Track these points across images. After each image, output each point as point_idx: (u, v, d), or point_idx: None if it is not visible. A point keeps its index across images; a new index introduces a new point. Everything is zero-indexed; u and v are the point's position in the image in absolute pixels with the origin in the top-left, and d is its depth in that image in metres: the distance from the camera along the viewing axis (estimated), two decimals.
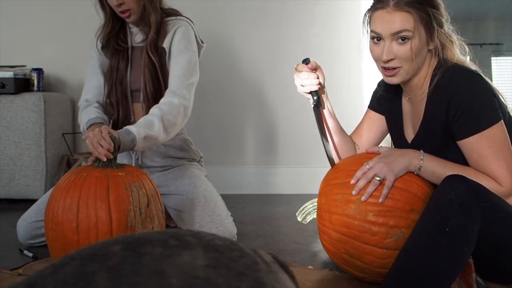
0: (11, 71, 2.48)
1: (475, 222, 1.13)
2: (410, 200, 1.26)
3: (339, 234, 1.30)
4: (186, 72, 1.72)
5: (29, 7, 2.81)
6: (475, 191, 1.17)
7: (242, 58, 2.76)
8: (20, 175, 2.45)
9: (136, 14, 1.74)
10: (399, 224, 1.24)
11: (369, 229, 1.25)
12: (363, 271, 1.31)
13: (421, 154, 1.31)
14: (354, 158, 1.43)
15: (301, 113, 2.74)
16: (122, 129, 1.51)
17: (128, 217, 1.32)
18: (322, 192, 1.40)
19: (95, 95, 1.82)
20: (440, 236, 1.11)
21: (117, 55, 1.81)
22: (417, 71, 1.37)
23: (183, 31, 1.77)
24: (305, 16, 2.71)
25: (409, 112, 1.47)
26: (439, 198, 1.17)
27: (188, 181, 1.77)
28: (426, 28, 1.30)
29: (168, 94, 1.67)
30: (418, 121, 1.42)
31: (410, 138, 1.46)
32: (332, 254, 1.37)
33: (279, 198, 2.64)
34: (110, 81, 1.81)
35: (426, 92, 1.37)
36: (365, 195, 1.27)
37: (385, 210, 1.25)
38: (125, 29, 1.84)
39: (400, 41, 1.31)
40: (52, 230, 1.35)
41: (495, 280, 1.32)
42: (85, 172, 1.38)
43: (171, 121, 1.60)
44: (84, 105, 1.81)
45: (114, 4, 1.70)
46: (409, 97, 1.45)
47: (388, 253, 1.25)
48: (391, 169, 1.28)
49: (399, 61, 1.33)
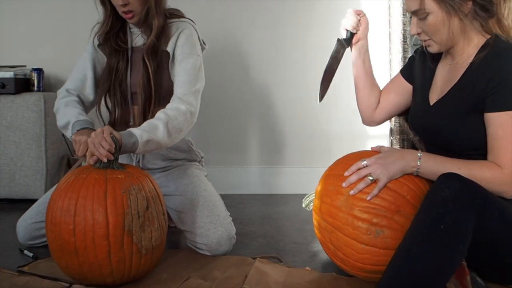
0: (11, 71, 2.48)
1: (470, 219, 1.14)
2: (397, 201, 1.28)
3: (326, 223, 1.36)
4: (192, 78, 1.71)
5: (29, 7, 2.81)
6: (469, 188, 1.18)
7: (242, 58, 2.76)
8: (20, 175, 2.45)
9: (139, 15, 1.72)
10: (381, 222, 1.27)
11: (352, 222, 1.29)
12: (344, 262, 1.36)
13: (418, 155, 1.32)
14: (356, 154, 1.45)
15: (302, 113, 2.75)
16: (125, 130, 1.50)
17: (125, 221, 1.32)
18: (321, 181, 1.46)
19: (77, 87, 1.79)
20: (435, 234, 1.12)
21: (117, 56, 1.79)
22: (454, 40, 1.36)
23: (187, 34, 1.76)
24: (306, 16, 2.71)
25: (442, 78, 1.46)
26: (434, 196, 1.18)
27: (188, 181, 1.77)
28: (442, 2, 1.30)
29: (175, 100, 1.65)
30: (448, 86, 1.41)
31: (433, 100, 1.45)
32: (321, 241, 1.44)
33: (279, 198, 2.64)
34: (109, 82, 1.78)
35: (471, 60, 1.35)
36: (354, 190, 1.31)
37: (371, 207, 1.28)
38: (125, 29, 1.82)
39: (420, 18, 1.35)
40: (50, 231, 1.36)
41: (494, 279, 1.32)
42: (85, 174, 1.38)
43: (177, 127, 1.59)
44: (63, 95, 1.77)
45: (118, 4, 1.68)
46: (449, 64, 1.44)
47: (365, 249, 1.28)
48: (386, 171, 1.30)
49: (426, 35, 1.38)
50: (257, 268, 1.48)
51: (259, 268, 1.49)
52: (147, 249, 1.36)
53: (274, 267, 1.52)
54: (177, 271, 1.50)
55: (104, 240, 1.30)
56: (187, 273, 1.48)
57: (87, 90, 1.81)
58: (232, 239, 1.68)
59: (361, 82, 1.64)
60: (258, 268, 1.49)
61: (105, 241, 1.30)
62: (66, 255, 1.33)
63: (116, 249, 1.31)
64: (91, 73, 1.81)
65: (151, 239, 1.37)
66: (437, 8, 1.31)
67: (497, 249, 1.22)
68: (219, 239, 1.63)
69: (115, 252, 1.31)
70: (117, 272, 1.34)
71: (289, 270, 1.50)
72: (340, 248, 1.33)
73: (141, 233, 1.35)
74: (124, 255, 1.32)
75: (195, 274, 1.47)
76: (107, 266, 1.32)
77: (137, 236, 1.34)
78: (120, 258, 1.32)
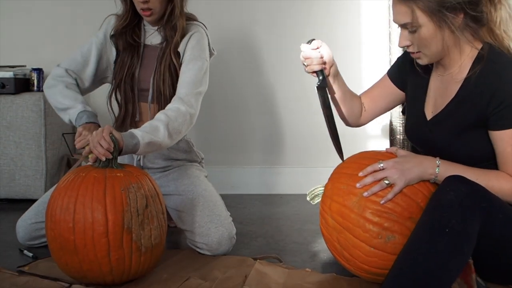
0: (11, 71, 2.48)
1: (475, 222, 1.13)
2: (410, 208, 1.26)
3: (335, 222, 1.34)
4: (196, 80, 1.71)
5: (29, 7, 2.81)
6: (475, 191, 1.17)
7: (243, 58, 2.76)
8: (20, 175, 2.45)
9: (157, 15, 1.75)
10: (392, 227, 1.25)
11: (363, 224, 1.27)
12: (349, 262, 1.35)
13: (437, 163, 1.30)
14: (371, 154, 1.44)
15: (302, 114, 2.74)
16: (127, 132, 1.50)
17: (124, 218, 1.32)
18: (331, 178, 1.44)
19: (77, 70, 1.79)
20: (440, 237, 1.12)
21: (131, 50, 1.81)
22: (445, 52, 1.34)
23: (198, 38, 1.78)
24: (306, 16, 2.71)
25: (436, 90, 1.44)
26: (440, 199, 1.17)
27: (188, 181, 1.77)
28: (434, 16, 1.27)
29: (176, 101, 1.66)
30: (444, 100, 1.39)
31: (429, 115, 1.44)
32: (326, 239, 1.42)
33: (279, 198, 2.64)
34: (120, 75, 1.80)
35: (466, 73, 1.33)
36: (369, 192, 1.28)
37: (383, 211, 1.26)
38: (140, 25, 1.84)
39: (410, 30, 1.32)
40: (50, 230, 1.36)
41: (495, 281, 1.32)
42: (84, 172, 1.38)
43: (176, 129, 1.59)
44: (62, 74, 1.77)
45: (139, 1, 1.70)
46: (440, 75, 1.42)
47: (374, 252, 1.26)
48: (404, 177, 1.27)
49: (416, 47, 1.34)
50: (257, 269, 1.48)
51: (259, 269, 1.49)
52: (147, 248, 1.36)
53: (274, 268, 1.51)
54: (177, 271, 1.50)
55: (104, 238, 1.30)
56: (187, 273, 1.47)
57: (85, 76, 1.82)
58: (232, 239, 1.68)
59: (341, 101, 1.59)
60: (258, 269, 1.48)
61: (104, 239, 1.30)
62: (66, 254, 1.33)
63: (115, 247, 1.31)
64: (94, 61, 1.82)
65: (150, 237, 1.37)
66: (428, 21, 1.28)
67: (500, 252, 1.22)
68: (220, 239, 1.63)
69: (115, 250, 1.31)
70: (116, 270, 1.34)
71: (289, 271, 1.50)
72: (347, 248, 1.32)
73: (141, 231, 1.35)
74: (123, 253, 1.32)
75: (195, 274, 1.47)
76: (106, 264, 1.32)
77: (137, 234, 1.34)
78: (120, 256, 1.32)
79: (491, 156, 1.33)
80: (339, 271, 1.48)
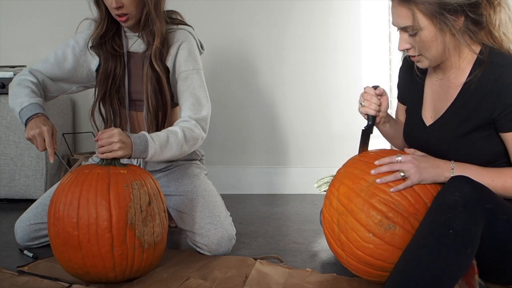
0: (11, 71, 2.48)
1: (479, 223, 1.13)
2: (417, 204, 1.26)
3: (339, 203, 1.35)
4: (202, 96, 1.68)
5: (29, 7, 2.81)
6: (480, 192, 1.17)
7: (243, 58, 2.76)
8: (20, 175, 2.45)
9: (134, 19, 1.65)
10: (395, 218, 1.25)
11: (367, 209, 1.28)
12: (343, 247, 1.34)
13: (451, 166, 1.30)
14: (390, 150, 1.45)
15: (302, 114, 2.75)
16: (141, 140, 1.48)
17: (128, 214, 1.33)
18: (345, 164, 1.45)
19: (47, 72, 1.74)
20: (444, 238, 1.11)
21: (114, 60, 1.73)
22: (446, 55, 1.33)
23: (188, 48, 1.71)
24: (306, 16, 2.71)
25: (434, 94, 1.43)
26: (444, 199, 1.17)
27: (188, 181, 1.77)
28: (435, 18, 1.26)
29: (192, 122, 1.63)
30: (444, 104, 1.38)
31: (429, 121, 1.43)
32: (326, 221, 1.42)
33: (279, 198, 2.64)
34: (104, 87, 1.73)
35: (466, 76, 1.33)
36: (382, 180, 1.29)
37: (391, 200, 1.27)
38: (120, 32, 1.76)
39: (410, 34, 1.31)
40: (53, 226, 1.36)
41: (496, 281, 1.32)
42: (88, 169, 1.40)
43: (186, 150, 1.61)
44: (23, 73, 1.71)
45: (112, 6, 1.60)
46: (439, 79, 1.42)
47: (371, 239, 1.27)
48: (419, 173, 1.28)
49: (416, 50, 1.33)
50: (258, 269, 1.48)
51: (259, 269, 1.49)
52: (149, 244, 1.37)
53: (275, 268, 1.51)
54: (177, 271, 1.50)
55: (107, 233, 1.31)
56: (187, 273, 1.48)
57: (54, 81, 1.76)
58: (232, 240, 1.68)
59: (392, 136, 1.59)
60: (259, 269, 1.48)
61: (108, 234, 1.31)
62: (69, 249, 1.34)
63: (119, 242, 1.32)
64: (68, 66, 1.75)
65: (153, 234, 1.38)
66: (429, 23, 1.27)
67: (503, 253, 1.21)
68: (219, 240, 1.63)
69: (118, 245, 1.32)
70: (119, 266, 1.34)
71: (289, 271, 1.50)
72: (345, 231, 1.32)
73: (144, 228, 1.36)
74: (127, 248, 1.34)
75: (195, 274, 1.47)
76: (110, 260, 1.33)
77: (140, 230, 1.35)
78: (123, 251, 1.33)
79: (496, 158, 1.33)
80: (339, 271, 1.48)
